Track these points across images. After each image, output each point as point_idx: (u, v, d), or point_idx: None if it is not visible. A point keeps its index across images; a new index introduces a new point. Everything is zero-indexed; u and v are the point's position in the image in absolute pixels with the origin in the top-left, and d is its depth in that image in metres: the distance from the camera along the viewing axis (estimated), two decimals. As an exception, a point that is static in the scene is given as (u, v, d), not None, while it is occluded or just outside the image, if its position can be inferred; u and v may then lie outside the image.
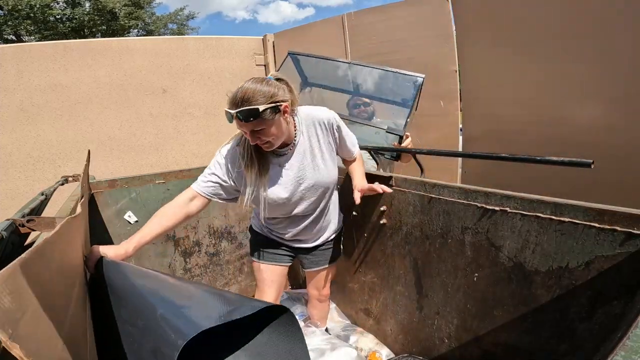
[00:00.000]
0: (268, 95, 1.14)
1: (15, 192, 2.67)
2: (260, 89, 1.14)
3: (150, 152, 3.04)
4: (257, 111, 1.11)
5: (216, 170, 1.29)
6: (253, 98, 1.12)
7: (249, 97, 1.12)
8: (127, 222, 1.94)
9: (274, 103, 1.14)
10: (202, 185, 1.29)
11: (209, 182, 1.29)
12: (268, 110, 1.13)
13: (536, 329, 0.97)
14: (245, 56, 3.28)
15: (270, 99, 1.14)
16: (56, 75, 2.71)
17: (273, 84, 1.17)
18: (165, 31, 14.69)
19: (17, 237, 0.89)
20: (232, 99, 1.13)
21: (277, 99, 1.15)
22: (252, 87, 1.13)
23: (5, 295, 0.41)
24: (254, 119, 1.12)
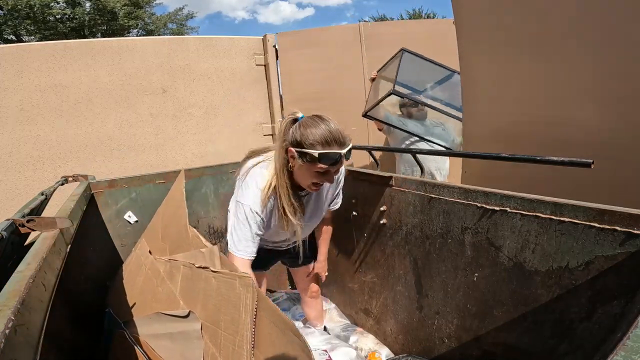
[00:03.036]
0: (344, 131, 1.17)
1: (15, 192, 2.67)
2: (339, 125, 1.16)
3: (150, 152, 3.04)
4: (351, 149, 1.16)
5: (256, 230, 1.23)
6: (347, 136, 1.15)
7: (345, 134, 1.15)
8: (127, 222, 1.94)
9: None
10: (252, 251, 1.23)
11: (254, 243, 1.24)
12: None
13: (536, 329, 0.97)
14: (245, 56, 3.28)
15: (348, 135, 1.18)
16: (56, 75, 2.70)
17: (334, 120, 1.18)
18: (165, 31, 14.68)
19: (17, 237, 0.89)
20: (335, 138, 1.11)
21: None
22: (339, 126, 1.14)
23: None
24: (349, 157, 1.16)
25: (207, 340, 1.00)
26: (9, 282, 0.55)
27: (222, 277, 0.99)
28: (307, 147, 1.11)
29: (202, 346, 1.00)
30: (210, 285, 1.02)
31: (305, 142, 1.11)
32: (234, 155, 3.21)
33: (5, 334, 0.42)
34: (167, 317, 1.10)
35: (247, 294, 0.90)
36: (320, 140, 1.10)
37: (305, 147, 1.11)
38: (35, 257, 0.66)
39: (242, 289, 0.91)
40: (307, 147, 1.11)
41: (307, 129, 1.11)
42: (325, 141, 1.10)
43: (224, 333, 0.95)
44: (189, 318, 1.05)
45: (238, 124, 3.32)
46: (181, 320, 1.07)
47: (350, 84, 3.36)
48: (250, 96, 3.33)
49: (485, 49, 2.06)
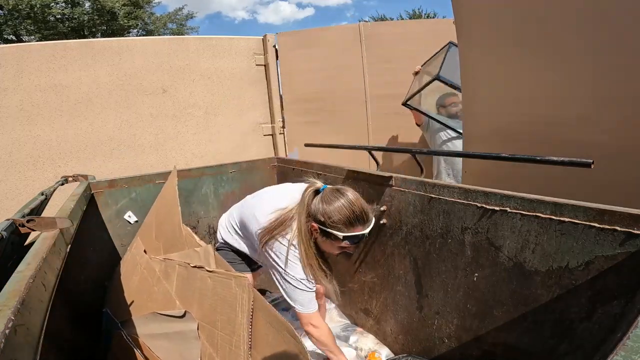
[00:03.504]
0: (367, 205, 1.18)
1: (15, 192, 2.67)
2: (361, 198, 1.17)
3: (150, 152, 3.04)
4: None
5: (312, 287, 1.29)
6: (369, 210, 1.16)
7: (367, 210, 1.15)
8: (127, 222, 1.94)
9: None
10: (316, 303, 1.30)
11: (314, 297, 1.30)
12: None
13: (536, 329, 0.97)
14: (245, 56, 3.28)
15: (371, 209, 1.20)
16: (56, 75, 2.70)
17: (353, 191, 1.19)
18: (164, 31, 14.68)
19: (17, 237, 0.89)
20: (358, 217, 1.12)
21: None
22: (360, 200, 1.15)
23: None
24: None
25: (204, 340, 1.00)
26: (9, 282, 0.55)
27: (218, 277, 0.99)
28: (330, 227, 1.12)
29: (199, 346, 1.00)
30: (206, 284, 1.02)
31: (328, 222, 1.12)
32: (234, 156, 3.22)
33: (5, 334, 0.42)
34: (164, 317, 1.11)
35: (243, 294, 0.90)
36: (344, 221, 1.11)
37: (328, 227, 1.12)
38: (35, 257, 0.66)
39: (238, 289, 0.91)
40: (330, 227, 1.12)
41: (330, 207, 1.11)
42: (349, 222, 1.11)
43: (220, 333, 0.95)
44: (186, 318, 1.05)
45: (238, 124, 3.32)
46: (178, 320, 1.07)
47: (350, 84, 3.36)
48: (250, 96, 3.33)
49: (485, 49, 2.06)
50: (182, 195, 2.07)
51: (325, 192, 1.16)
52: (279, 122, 3.37)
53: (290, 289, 1.27)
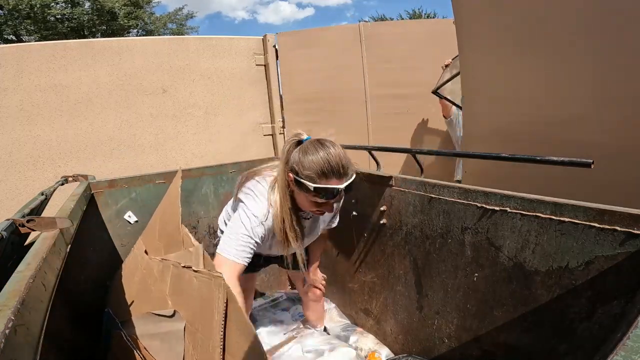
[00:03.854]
0: (349, 159, 1.09)
1: (15, 192, 2.67)
2: (343, 152, 1.07)
3: (150, 152, 3.04)
4: (353, 182, 1.08)
5: (257, 239, 1.16)
6: (349, 166, 1.06)
7: (347, 166, 1.06)
8: (127, 222, 1.94)
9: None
10: (247, 257, 1.16)
11: (251, 251, 1.16)
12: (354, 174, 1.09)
13: (536, 329, 0.97)
14: (245, 56, 3.28)
15: (352, 164, 1.09)
16: (56, 75, 2.70)
17: (336, 144, 1.11)
18: (164, 31, 14.67)
19: (17, 237, 0.89)
20: (333, 170, 1.02)
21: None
22: (340, 152, 1.06)
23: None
24: (350, 190, 1.08)
25: (188, 341, 0.98)
26: (9, 282, 0.55)
27: (202, 276, 0.96)
28: (304, 178, 1.04)
29: (182, 346, 0.98)
30: (192, 285, 1.00)
31: (302, 172, 1.04)
32: (234, 155, 3.22)
33: (5, 334, 0.42)
34: (156, 317, 1.10)
35: (219, 295, 0.87)
36: (317, 171, 1.02)
37: (302, 176, 1.04)
38: (35, 257, 0.66)
39: (215, 290, 0.88)
40: (304, 177, 1.04)
41: (306, 157, 1.04)
42: (322, 172, 1.02)
43: (200, 335, 0.93)
44: (174, 318, 1.04)
45: (238, 124, 3.32)
46: (167, 320, 1.06)
47: (350, 84, 3.36)
48: (250, 96, 3.33)
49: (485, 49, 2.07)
50: (182, 195, 2.06)
51: (306, 142, 1.10)
52: (279, 122, 3.37)
53: (235, 217, 1.16)
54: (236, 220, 1.16)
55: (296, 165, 1.06)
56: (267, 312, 2.03)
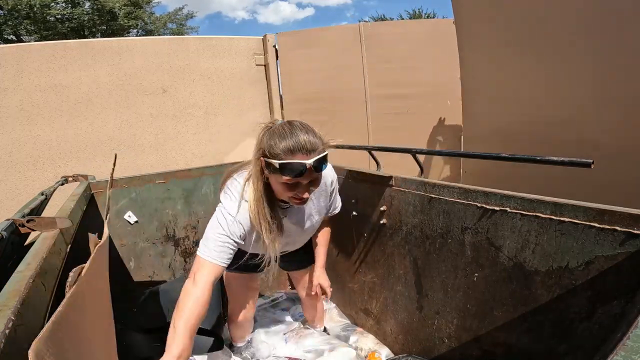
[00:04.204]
0: (320, 138, 1.05)
1: (15, 192, 2.67)
2: (313, 131, 1.04)
3: (150, 152, 3.05)
4: (326, 157, 1.04)
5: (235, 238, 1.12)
6: (318, 143, 1.02)
7: (315, 142, 1.02)
8: (127, 222, 1.94)
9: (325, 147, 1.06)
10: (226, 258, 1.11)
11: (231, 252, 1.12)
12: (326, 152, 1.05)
13: (536, 329, 0.97)
14: (245, 56, 3.28)
15: (324, 143, 1.05)
16: (56, 75, 2.70)
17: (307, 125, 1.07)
18: (164, 31, 14.67)
19: (17, 237, 0.89)
20: (300, 147, 1.00)
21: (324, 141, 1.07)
22: (309, 132, 1.03)
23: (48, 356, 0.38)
24: (322, 168, 1.04)
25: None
26: (9, 282, 0.55)
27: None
28: (272, 157, 1.02)
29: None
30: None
31: (270, 151, 1.02)
32: (234, 155, 3.22)
33: (5, 334, 0.42)
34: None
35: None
36: (284, 149, 1.00)
37: (270, 156, 1.02)
38: (35, 257, 0.66)
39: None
40: (272, 156, 1.02)
41: (273, 137, 1.02)
42: (288, 150, 1.00)
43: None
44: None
45: (238, 124, 3.32)
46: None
47: (350, 84, 3.37)
48: (250, 96, 3.34)
49: (486, 49, 2.07)
50: (183, 196, 2.07)
51: (276, 125, 1.06)
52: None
53: (212, 222, 1.13)
54: (213, 220, 1.14)
55: (265, 147, 1.04)
56: (267, 312, 2.03)
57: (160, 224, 2.04)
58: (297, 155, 1.00)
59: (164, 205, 2.03)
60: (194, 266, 1.10)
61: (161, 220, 2.04)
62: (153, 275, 2.06)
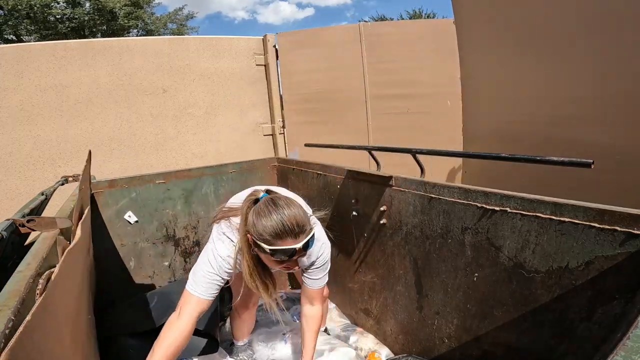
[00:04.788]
0: (306, 214, 1.06)
1: (15, 192, 2.67)
2: (299, 211, 1.04)
3: (150, 152, 3.04)
4: (313, 237, 1.05)
5: (224, 276, 1.18)
6: (304, 221, 1.03)
7: (302, 221, 1.02)
8: (127, 222, 1.94)
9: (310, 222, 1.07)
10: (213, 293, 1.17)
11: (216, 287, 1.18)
12: (313, 230, 1.06)
13: (536, 329, 0.97)
14: (245, 56, 3.28)
15: (309, 217, 1.06)
16: (56, 75, 2.70)
17: (295, 202, 1.07)
18: (164, 31, 14.67)
19: (17, 237, 0.89)
20: (288, 230, 1.00)
21: (310, 215, 1.09)
22: (294, 212, 1.02)
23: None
24: (310, 247, 1.05)
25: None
26: (9, 282, 0.55)
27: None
28: (259, 240, 1.02)
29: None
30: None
31: (256, 234, 1.03)
32: (234, 156, 3.22)
33: (5, 334, 0.42)
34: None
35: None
36: (271, 233, 1.00)
37: (257, 239, 1.03)
38: (35, 257, 0.66)
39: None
40: (259, 239, 1.02)
41: (260, 219, 1.02)
42: (276, 234, 1.00)
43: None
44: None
45: (238, 124, 3.32)
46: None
47: (350, 84, 3.36)
48: (250, 96, 3.34)
49: (485, 49, 2.07)
50: (183, 196, 2.07)
51: (260, 203, 1.06)
52: (279, 122, 3.38)
53: (202, 259, 1.19)
54: (203, 257, 1.19)
55: (251, 228, 1.04)
56: (267, 312, 2.03)
57: (160, 224, 2.04)
58: (286, 239, 1.01)
59: (164, 205, 2.03)
60: (181, 299, 1.17)
61: (161, 220, 2.04)
62: (153, 275, 2.06)
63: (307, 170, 2.01)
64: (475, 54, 2.15)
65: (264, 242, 1.02)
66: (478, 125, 2.30)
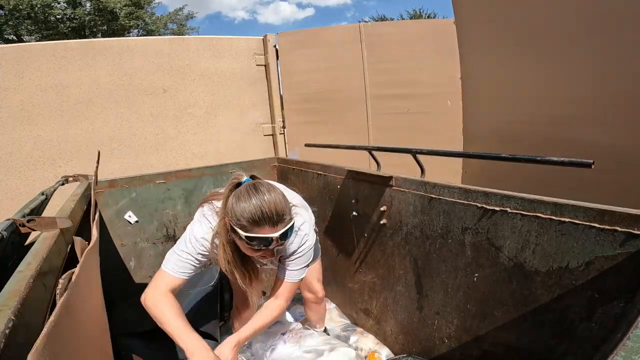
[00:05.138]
0: (288, 203, 1.02)
1: (15, 192, 2.67)
2: (279, 198, 0.99)
3: (151, 152, 3.05)
4: (292, 228, 1.01)
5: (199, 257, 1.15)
6: (284, 211, 0.99)
7: (281, 210, 0.98)
8: (128, 222, 1.94)
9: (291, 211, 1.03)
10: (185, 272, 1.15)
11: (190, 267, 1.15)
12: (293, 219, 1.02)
13: (536, 329, 0.97)
14: (245, 56, 3.28)
15: (290, 207, 1.03)
16: (56, 75, 2.71)
17: (277, 188, 1.03)
18: (165, 31, 14.68)
19: (18, 237, 0.89)
20: (266, 217, 0.96)
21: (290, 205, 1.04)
22: (274, 199, 0.98)
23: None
24: (288, 237, 1.02)
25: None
26: (9, 282, 0.55)
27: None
28: (236, 225, 0.99)
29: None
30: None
31: (234, 219, 0.99)
32: (234, 156, 3.22)
33: (5, 333, 0.42)
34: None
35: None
36: (249, 219, 0.96)
37: (235, 224, 0.99)
38: (36, 257, 0.66)
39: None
40: (236, 224, 0.99)
41: (239, 203, 0.98)
42: (253, 220, 0.96)
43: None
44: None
45: (238, 124, 3.32)
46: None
47: (350, 84, 3.36)
48: (250, 96, 3.34)
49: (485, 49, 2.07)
50: (183, 196, 2.07)
51: (241, 187, 1.02)
52: (279, 122, 3.38)
53: (180, 239, 1.17)
54: (182, 237, 1.18)
55: (230, 211, 1.01)
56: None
57: (160, 224, 2.04)
58: (264, 228, 0.97)
59: (164, 205, 2.03)
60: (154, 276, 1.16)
61: (161, 220, 2.04)
62: (153, 275, 2.06)
63: (307, 170, 2.01)
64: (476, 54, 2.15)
65: (241, 227, 0.98)
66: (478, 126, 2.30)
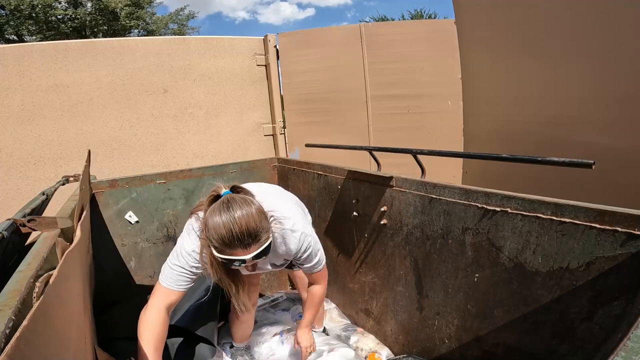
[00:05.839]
0: (264, 220, 0.98)
1: (16, 192, 2.68)
2: (253, 215, 0.95)
3: (151, 152, 3.05)
4: (269, 247, 0.99)
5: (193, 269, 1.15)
6: (257, 230, 0.95)
7: (254, 230, 0.94)
8: (128, 222, 1.94)
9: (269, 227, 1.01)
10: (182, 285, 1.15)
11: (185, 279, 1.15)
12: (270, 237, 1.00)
13: (536, 330, 0.97)
14: (246, 56, 3.28)
15: (268, 224, 1.00)
16: (57, 75, 2.71)
17: (252, 204, 0.99)
18: (165, 31, 14.70)
19: (18, 236, 0.89)
20: (237, 238, 0.93)
21: (269, 224, 1.01)
22: (247, 219, 0.93)
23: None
24: (264, 255, 1.00)
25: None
26: (10, 282, 0.55)
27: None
28: (210, 245, 0.97)
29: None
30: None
31: (208, 238, 0.96)
32: (235, 156, 3.23)
33: (6, 333, 0.42)
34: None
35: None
36: (219, 239, 0.94)
37: (210, 243, 0.97)
38: (36, 257, 0.66)
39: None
40: (210, 244, 0.97)
41: (211, 219, 0.95)
42: (224, 242, 0.94)
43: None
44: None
45: (239, 124, 3.32)
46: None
47: (350, 84, 3.36)
48: (251, 96, 3.34)
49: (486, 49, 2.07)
50: (183, 196, 2.07)
51: (216, 203, 0.98)
52: (279, 122, 3.38)
53: (172, 252, 1.17)
54: (174, 250, 1.18)
55: (204, 229, 0.99)
56: (267, 313, 2.03)
57: (160, 224, 2.04)
58: (235, 247, 0.95)
59: (164, 205, 2.03)
60: (154, 289, 1.16)
61: (162, 221, 2.04)
62: (153, 275, 2.06)
63: (307, 171, 2.01)
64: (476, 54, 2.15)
65: (214, 248, 0.96)
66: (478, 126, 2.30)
